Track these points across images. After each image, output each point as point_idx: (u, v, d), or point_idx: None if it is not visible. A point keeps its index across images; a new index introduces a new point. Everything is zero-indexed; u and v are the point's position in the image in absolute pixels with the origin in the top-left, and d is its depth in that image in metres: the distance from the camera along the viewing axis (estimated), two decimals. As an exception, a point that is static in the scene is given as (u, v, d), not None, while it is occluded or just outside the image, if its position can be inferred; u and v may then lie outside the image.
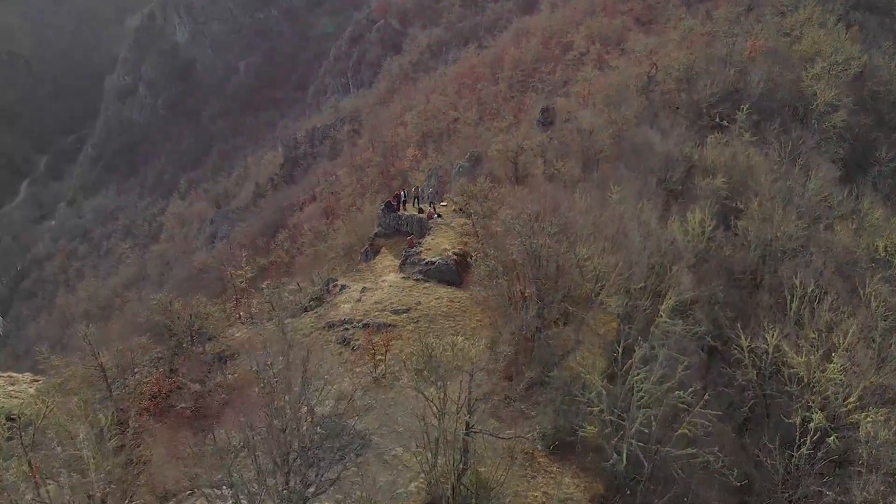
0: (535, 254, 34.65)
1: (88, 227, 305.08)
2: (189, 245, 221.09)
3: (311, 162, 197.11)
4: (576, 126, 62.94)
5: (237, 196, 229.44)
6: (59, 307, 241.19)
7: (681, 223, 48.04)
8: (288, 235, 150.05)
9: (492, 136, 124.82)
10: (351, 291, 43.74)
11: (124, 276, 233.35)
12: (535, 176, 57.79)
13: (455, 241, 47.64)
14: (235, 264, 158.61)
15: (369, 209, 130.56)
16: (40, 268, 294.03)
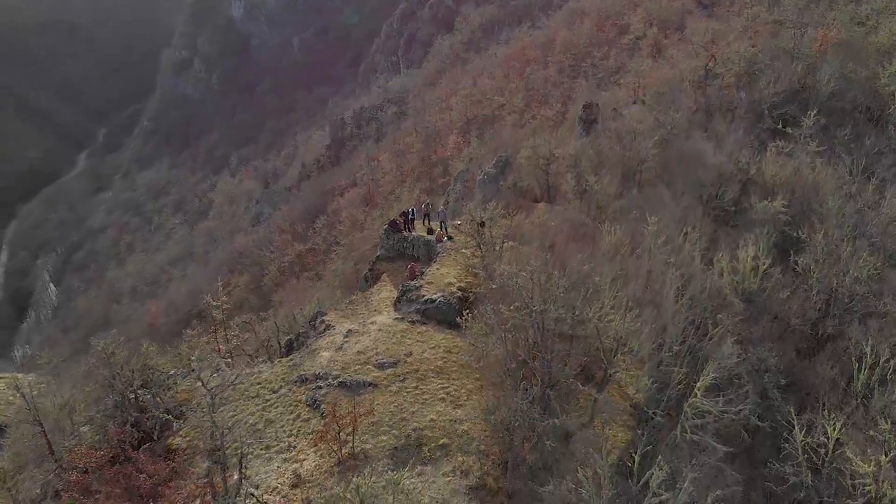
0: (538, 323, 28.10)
1: (141, 201, 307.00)
2: (236, 224, 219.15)
3: (357, 144, 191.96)
4: (616, 131, 55.48)
5: (284, 175, 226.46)
6: (108, 281, 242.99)
7: (730, 259, 40.60)
8: (326, 222, 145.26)
9: (534, 127, 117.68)
10: (335, 334, 37.80)
11: (172, 253, 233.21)
12: (564, 193, 50.80)
13: (463, 272, 41.20)
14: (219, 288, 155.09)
15: (374, 226, 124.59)
16: (93, 240, 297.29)
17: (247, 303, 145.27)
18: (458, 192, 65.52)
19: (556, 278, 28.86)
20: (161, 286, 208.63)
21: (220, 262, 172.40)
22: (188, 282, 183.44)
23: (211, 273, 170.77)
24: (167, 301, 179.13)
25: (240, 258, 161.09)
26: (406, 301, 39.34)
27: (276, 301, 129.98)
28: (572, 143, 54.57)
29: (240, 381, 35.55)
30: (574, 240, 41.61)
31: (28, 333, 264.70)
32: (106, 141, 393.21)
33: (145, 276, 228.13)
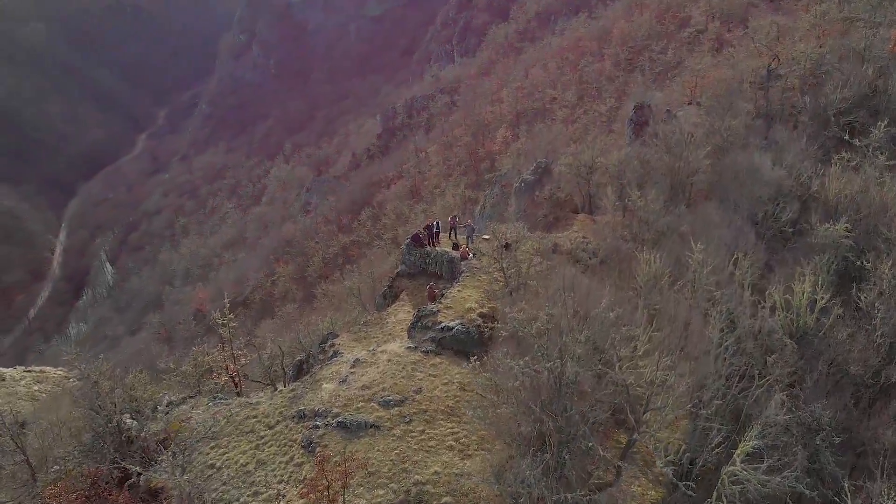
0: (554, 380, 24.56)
1: (197, 184, 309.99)
2: (287, 211, 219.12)
3: (407, 134, 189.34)
4: (666, 138, 51.12)
5: (335, 164, 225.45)
6: (162, 263, 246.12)
7: (784, 292, 36.30)
8: (371, 214, 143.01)
9: (584, 123, 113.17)
10: (341, 362, 34.86)
11: (225, 237, 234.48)
12: (605, 209, 46.88)
13: (486, 296, 37.81)
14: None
15: (396, 242, 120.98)
16: (149, 222, 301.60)
17: (290, 293, 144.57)
18: (496, 197, 61.87)
19: (576, 330, 25.32)
20: (213, 269, 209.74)
21: (267, 249, 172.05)
22: (236, 268, 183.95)
23: (258, 261, 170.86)
24: (215, 287, 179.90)
25: (286, 247, 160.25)
26: (421, 328, 36.16)
27: (318, 293, 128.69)
28: (615, 153, 50.42)
29: (235, 414, 32.96)
30: (609, 266, 37.91)
31: (84, 311, 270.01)
32: (165, 123, 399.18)
33: (198, 260, 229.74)
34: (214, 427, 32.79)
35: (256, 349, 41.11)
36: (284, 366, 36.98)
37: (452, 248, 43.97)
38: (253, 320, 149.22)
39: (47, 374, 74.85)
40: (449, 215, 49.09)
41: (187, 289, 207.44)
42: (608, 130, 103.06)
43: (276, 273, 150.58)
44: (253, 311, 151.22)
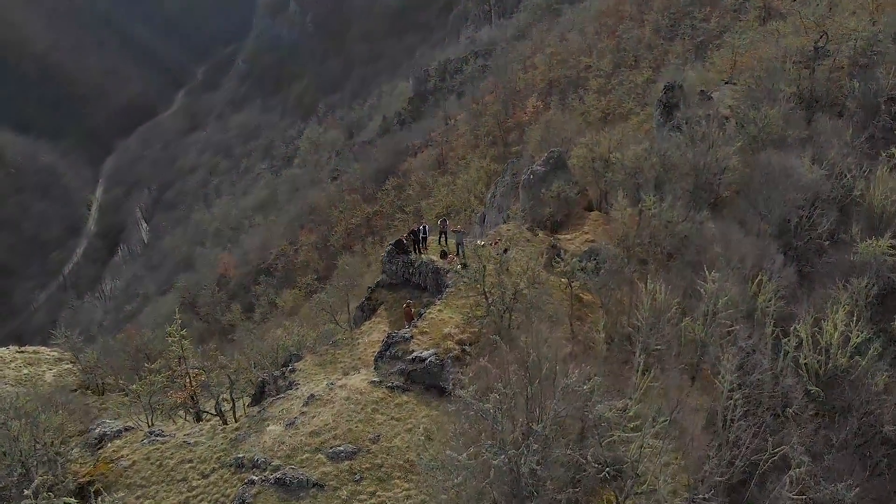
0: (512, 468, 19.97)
1: (232, 143, 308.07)
2: (317, 175, 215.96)
3: (439, 98, 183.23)
4: (691, 130, 45.33)
5: (366, 128, 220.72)
6: (195, 222, 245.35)
7: (813, 323, 30.98)
8: (396, 184, 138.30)
9: (622, 93, 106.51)
10: (293, 397, 30.63)
11: (257, 198, 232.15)
12: (613, 219, 41.45)
13: (469, 316, 33.10)
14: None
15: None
16: (184, 180, 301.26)
17: (312, 263, 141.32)
18: (507, 186, 56.67)
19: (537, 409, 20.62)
20: (243, 231, 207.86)
21: (292, 215, 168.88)
22: (262, 233, 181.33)
23: (283, 227, 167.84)
24: (241, 251, 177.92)
25: (310, 215, 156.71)
26: (389, 358, 31.61)
27: (340, 267, 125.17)
28: (632, 149, 44.78)
29: (169, 457, 29.05)
30: (608, 290, 32.94)
31: (118, 268, 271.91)
32: (204, 79, 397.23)
33: (229, 220, 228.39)
34: (163, 458, 29.11)
35: (213, 363, 36.91)
36: (234, 397, 32.88)
37: (440, 257, 39.17)
38: (275, 289, 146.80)
39: (40, 356, 72.33)
40: (440, 219, 44.03)
41: (217, 250, 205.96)
42: (642, 106, 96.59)
43: (298, 241, 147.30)
44: (275, 279, 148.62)
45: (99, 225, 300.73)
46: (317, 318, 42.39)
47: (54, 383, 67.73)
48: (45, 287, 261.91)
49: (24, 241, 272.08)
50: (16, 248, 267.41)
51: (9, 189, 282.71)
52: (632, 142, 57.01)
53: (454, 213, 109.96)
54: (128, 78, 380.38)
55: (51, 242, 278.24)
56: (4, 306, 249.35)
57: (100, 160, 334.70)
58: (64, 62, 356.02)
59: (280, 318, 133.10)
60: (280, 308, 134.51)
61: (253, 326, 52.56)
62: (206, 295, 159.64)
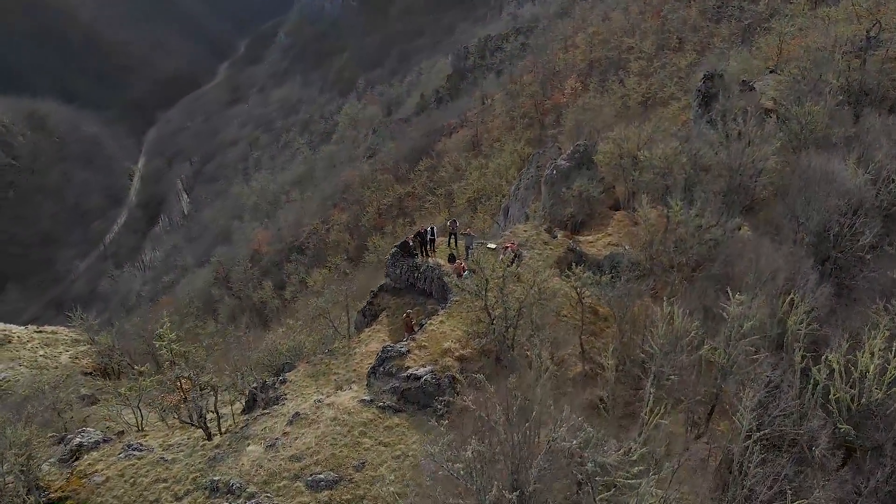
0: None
1: (272, 117, 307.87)
2: (354, 152, 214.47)
3: (478, 77, 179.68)
4: (726, 126, 41.98)
5: (404, 105, 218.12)
6: (234, 196, 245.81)
7: (848, 349, 27.90)
8: (428, 165, 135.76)
9: (664, 77, 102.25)
10: (278, 414, 28.62)
11: (294, 174, 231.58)
12: (639, 221, 38.41)
13: (471, 331, 30.64)
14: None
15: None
16: (224, 153, 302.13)
17: (343, 243, 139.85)
18: (531, 179, 53.77)
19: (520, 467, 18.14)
20: (280, 207, 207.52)
21: (326, 194, 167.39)
22: (297, 210, 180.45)
23: (316, 204, 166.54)
24: (276, 227, 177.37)
25: (343, 193, 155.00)
26: (383, 374, 29.38)
27: (370, 247, 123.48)
28: (660, 147, 41.53)
29: (144, 475, 27.32)
30: (623, 305, 30.20)
31: (158, 238, 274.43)
32: (247, 52, 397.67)
33: (267, 195, 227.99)
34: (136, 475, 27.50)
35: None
36: (217, 407, 30.99)
37: (448, 261, 36.64)
38: (306, 267, 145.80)
39: (58, 336, 71.84)
40: (449, 220, 41.22)
41: (254, 225, 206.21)
42: (684, 91, 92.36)
43: (330, 220, 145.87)
44: (307, 257, 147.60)
45: (140, 195, 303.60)
46: (314, 324, 40.17)
47: (70, 366, 67.26)
48: (86, 256, 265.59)
49: (67, 210, 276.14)
50: (58, 217, 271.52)
51: (52, 158, 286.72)
52: (665, 136, 53.82)
53: (484, 198, 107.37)
54: (172, 49, 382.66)
55: (93, 212, 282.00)
56: (46, 274, 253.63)
57: (142, 131, 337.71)
58: (109, 33, 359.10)
59: (308, 297, 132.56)
60: (310, 287, 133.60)
61: (243, 333, 50.89)
62: (238, 271, 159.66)
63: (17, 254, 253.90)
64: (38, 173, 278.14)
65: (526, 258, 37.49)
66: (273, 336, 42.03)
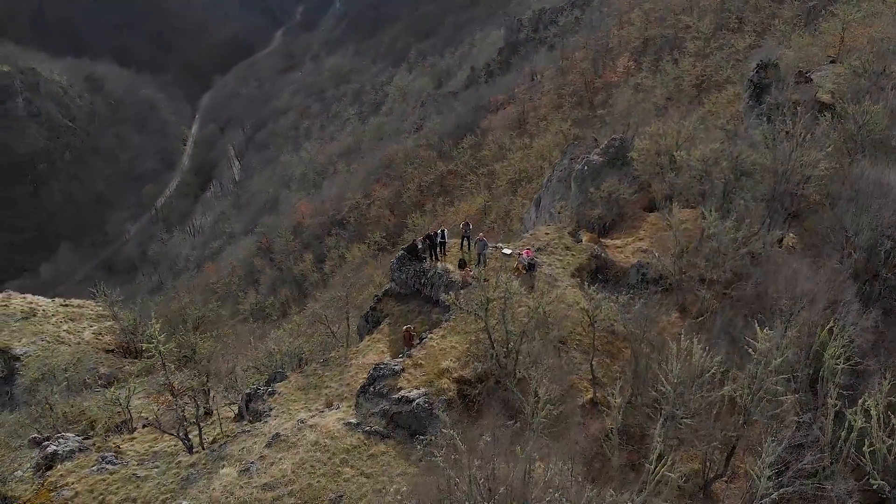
0: None
1: (324, 86, 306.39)
2: (401, 124, 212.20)
3: (530, 50, 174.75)
4: (773, 126, 38.22)
5: (454, 78, 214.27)
6: (283, 164, 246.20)
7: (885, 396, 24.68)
8: (472, 143, 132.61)
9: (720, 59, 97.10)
10: (259, 433, 26.60)
11: (343, 145, 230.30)
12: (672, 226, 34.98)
13: (469, 352, 28.06)
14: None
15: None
16: (276, 120, 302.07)
17: (382, 220, 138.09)
18: (564, 170, 50.49)
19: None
20: (327, 178, 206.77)
21: (370, 167, 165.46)
22: (341, 182, 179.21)
23: (360, 178, 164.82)
24: (320, 199, 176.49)
25: (386, 168, 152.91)
26: (372, 394, 27.14)
27: (410, 225, 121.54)
28: (699, 149, 37.92)
29: (113, 492, 25.68)
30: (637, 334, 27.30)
31: (208, 204, 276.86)
32: (302, 19, 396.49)
33: (315, 165, 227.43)
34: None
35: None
36: (199, 419, 29.13)
37: (458, 267, 33.96)
38: (346, 242, 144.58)
39: (83, 311, 71.53)
40: (462, 223, 38.10)
41: (300, 195, 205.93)
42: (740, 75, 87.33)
43: (372, 195, 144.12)
44: (347, 232, 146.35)
45: (193, 160, 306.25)
46: (312, 329, 37.98)
47: (92, 342, 66.86)
48: (137, 219, 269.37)
49: (121, 172, 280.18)
50: (112, 179, 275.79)
51: (108, 120, 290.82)
52: (712, 128, 50.22)
53: (525, 181, 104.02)
54: (229, 14, 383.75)
55: (146, 175, 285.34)
56: (99, 235, 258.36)
57: (197, 96, 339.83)
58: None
59: (346, 272, 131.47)
60: (348, 262, 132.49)
61: (256, 327, 49.53)
62: (280, 242, 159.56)
63: (71, 214, 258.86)
64: (94, 135, 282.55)
65: (544, 265, 34.75)
66: (279, 333, 40.00)
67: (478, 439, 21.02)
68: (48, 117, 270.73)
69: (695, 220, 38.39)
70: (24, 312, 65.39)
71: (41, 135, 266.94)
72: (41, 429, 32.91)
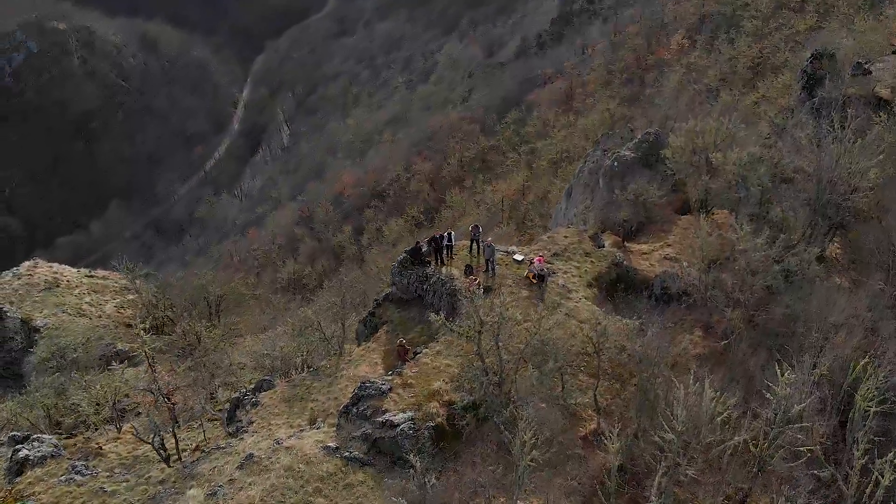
0: None
1: (375, 53, 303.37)
2: (449, 94, 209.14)
3: (585, 22, 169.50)
4: (819, 129, 34.75)
5: (505, 48, 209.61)
6: (330, 131, 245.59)
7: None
8: (516, 118, 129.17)
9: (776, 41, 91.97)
10: (234, 451, 24.96)
11: (389, 113, 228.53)
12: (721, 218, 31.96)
13: (460, 376, 25.78)
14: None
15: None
16: (325, 86, 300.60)
17: (421, 195, 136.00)
18: (596, 162, 47.43)
19: None
20: (372, 146, 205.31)
21: (414, 139, 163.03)
22: (384, 153, 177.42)
23: (402, 150, 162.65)
24: (362, 170, 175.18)
25: (430, 140, 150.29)
26: (356, 416, 25.24)
27: (448, 201, 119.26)
28: (735, 153, 34.71)
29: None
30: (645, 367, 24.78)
31: (257, 167, 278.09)
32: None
33: (361, 133, 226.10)
34: None
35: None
36: (176, 433, 27.54)
37: (464, 272, 31.64)
38: (384, 215, 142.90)
39: (107, 283, 71.20)
40: (471, 226, 35.23)
41: (346, 163, 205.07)
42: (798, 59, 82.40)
43: (413, 168, 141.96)
44: (386, 204, 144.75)
45: (243, 124, 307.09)
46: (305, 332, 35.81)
47: (113, 315, 66.45)
48: (186, 180, 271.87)
49: (171, 133, 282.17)
50: (163, 140, 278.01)
51: (161, 80, 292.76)
52: (758, 119, 46.80)
53: (566, 161, 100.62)
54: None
55: (196, 136, 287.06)
56: (149, 194, 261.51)
57: (249, 59, 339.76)
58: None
59: (383, 248, 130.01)
60: (385, 237, 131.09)
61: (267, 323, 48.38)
62: (321, 212, 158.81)
63: (122, 173, 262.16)
64: (147, 95, 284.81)
65: (559, 273, 32.25)
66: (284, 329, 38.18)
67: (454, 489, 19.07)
68: (102, 76, 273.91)
69: (731, 225, 35.43)
70: (47, 283, 65.22)
71: (95, 93, 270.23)
72: (22, 428, 31.94)
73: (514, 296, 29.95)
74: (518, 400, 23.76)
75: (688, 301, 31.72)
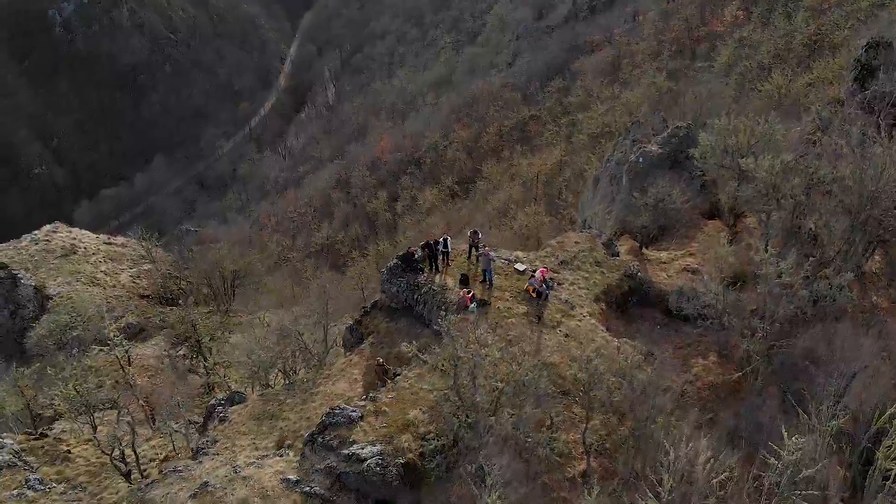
0: None
1: (423, 11, 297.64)
2: (496, 57, 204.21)
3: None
4: (861, 134, 31.06)
5: (555, 10, 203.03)
6: (374, 91, 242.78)
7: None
8: (559, 87, 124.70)
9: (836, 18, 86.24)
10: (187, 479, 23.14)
11: (434, 75, 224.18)
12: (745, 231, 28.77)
13: (433, 413, 23.41)
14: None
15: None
16: (372, 45, 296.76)
17: (458, 164, 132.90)
18: (626, 151, 44.05)
19: None
20: (416, 108, 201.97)
21: (455, 104, 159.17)
22: (424, 118, 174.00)
23: (442, 116, 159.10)
24: (401, 135, 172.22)
25: (470, 107, 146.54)
26: (321, 446, 23.18)
27: (484, 172, 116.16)
28: (767, 160, 31.14)
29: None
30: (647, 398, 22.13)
31: (302, 126, 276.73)
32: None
33: (405, 95, 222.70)
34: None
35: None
36: (137, 449, 25.91)
37: (460, 282, 29.14)
38: (420, 183, 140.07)
39: (125, 252, 70.34)
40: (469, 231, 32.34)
41: (388, 125, 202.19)
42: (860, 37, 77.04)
43: (451, 136, 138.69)
44: (422, 172, 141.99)
45: (289, 80, 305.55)
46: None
47: (128, 286, 65.54)
48: (231, 136, 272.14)
49: (218, 87, 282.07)
50: (209, 94, 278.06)
51: (209, 35, 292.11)
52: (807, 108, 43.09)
53: (606, 137, 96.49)
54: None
55: (242, 92, 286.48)
56: (193, 148, 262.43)
57: (298, 15, 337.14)
58: None
59: (418, 216, 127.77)
60: (419, 205, 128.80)
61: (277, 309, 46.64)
62: (357, 177, 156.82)
63: (167, 126, 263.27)
64: (194, 49, 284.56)
65: (565, 285, 29.59)
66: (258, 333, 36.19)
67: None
68: (151, 28, 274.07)
69: (756, 247, 32.27)
70: (64, 249, 64.48)
71: (144, 46, 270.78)
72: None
73: (510, 312, 27.42)
74: (492, 445, 21.40)
75: (703, 324, 28.86)
